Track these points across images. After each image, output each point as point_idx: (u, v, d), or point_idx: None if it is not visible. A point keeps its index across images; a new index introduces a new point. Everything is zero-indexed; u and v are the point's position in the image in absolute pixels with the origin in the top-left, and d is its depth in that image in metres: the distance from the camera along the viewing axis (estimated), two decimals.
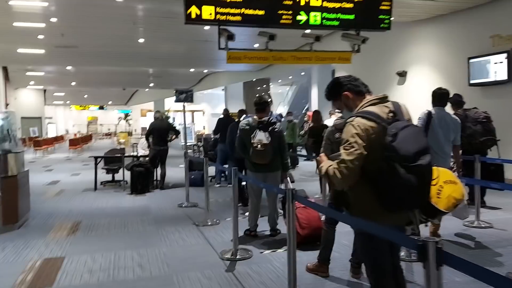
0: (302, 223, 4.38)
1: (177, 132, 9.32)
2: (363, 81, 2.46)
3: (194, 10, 6.18)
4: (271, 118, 5.03)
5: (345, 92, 2.42)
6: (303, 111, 25.78)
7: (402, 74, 10.74)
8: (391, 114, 2.22)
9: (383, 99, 2.31)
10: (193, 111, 40.42)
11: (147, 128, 9.25)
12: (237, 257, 4.30)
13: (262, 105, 5.00)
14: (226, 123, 9.14)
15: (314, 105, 17.26)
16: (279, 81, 28.76)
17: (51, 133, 34.02)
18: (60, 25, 11.63)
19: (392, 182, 2.05)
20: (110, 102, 45.41)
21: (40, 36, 12.73)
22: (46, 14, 10.61)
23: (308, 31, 7.04)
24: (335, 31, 9.42)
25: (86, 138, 27.38)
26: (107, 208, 7.21)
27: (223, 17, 6.27)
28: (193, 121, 36.40)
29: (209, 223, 5.82)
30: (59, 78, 23.95)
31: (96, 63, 17.86)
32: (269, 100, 5.00)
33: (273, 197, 5.10)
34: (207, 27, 12.05)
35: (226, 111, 10.11)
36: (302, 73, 23.86)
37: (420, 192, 2.10)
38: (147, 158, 9.26)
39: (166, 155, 9.13)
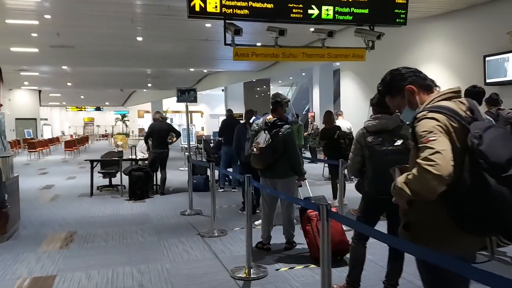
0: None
1: (178, 134, 8.83)
2: (371, 80, 2.00)
3: (198, 3, 5.74)
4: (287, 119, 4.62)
5: (409, 86, 1.96)
6: (304, 112, 25.43)
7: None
8: (468, 112, 1.77)
9: (458, 93, 1.86)
10: (191, 112, 40.00)
11: (146, 130, 8.74)
12: (251, 276, 3.83)
13: (274, 105, 4.55)
14: (230, 124, 8.69)
15: (316, 106, 16.81)
16: (279, 81, 28.35)
17: (46, 134, 33.43)
18: (54, 23, 11.12)
19: (478, 196, 1.59)
20: (107, 103, 44.85)
21: (34, 34, 12.21)
22: (40, 11, 10.10)
23: (319, 26, 6.57)
24: (347, 27, 8.98)
25: (83, 140, 26.85)
26: (104, 216, 6.73)
27: (229, 11, 5.84)
28: (191, 122, 35.96)
29: (216, 234, 5.34)
30: (55, 79, 23.41)
31: (92, 63, 17.34)
32: (284, 100, 4.51)
33: (287, 206, 4.61)
34: (208, 25, 11.63)
35: (229, 111, 9.64)
36: (303, 74, 23.43)
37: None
38: (146, 162, 8.78)
39: (167, 159, 8.65)
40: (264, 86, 25.72)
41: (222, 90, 25.79)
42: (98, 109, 47.93)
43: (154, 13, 10.23)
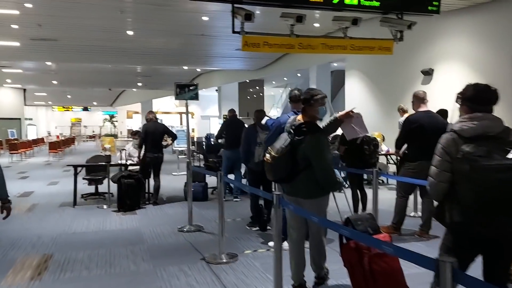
0: (376, 276, 2.94)
1: (174, 136, 7.86)
2: (380, 80, 1.10)
3: None
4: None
5: None
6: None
7: (428, 72, 9.48)
8: None
9: None
10: (181, 113, 38.94)
11: (140, 132, 7.72)
12: None
13: (303, 103, 3.44)
14: (233, 125, 7.81)
15: None
16: (273, 82, 27.55)
17: (31, 135, 32.07)
18: (37, 13, 10.09)
19: None
20: (95, 103, 43.52)
21: (14, 26, 11.15)
22: None
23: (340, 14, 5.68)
24: (369, 19, 8.08)
25: (68, 141, 25.64)
26: (88, 233, 5.74)
27: None
28: (181, 123, 34.87)
29: (224, 259, 4.39)
30: (39, 76, 22.19)
31: (78, 59, 16.22)
32: (316, 96, 3.34)
33: (316, 232, 3.49)
34: (205, 18, 10.71)
35: (232, 111, 8.68)
36: (298, 75, 22.64)
37: None
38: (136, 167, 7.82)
39: (161, 164, 7.67)
40: (257, 87, 24.91)
41: (216, 90, 24.89)
42: (85, 109, 46.54)
43: (147, 2, 9.26)
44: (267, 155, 3.27)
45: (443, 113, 7.08)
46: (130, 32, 12.06)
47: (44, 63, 17.56)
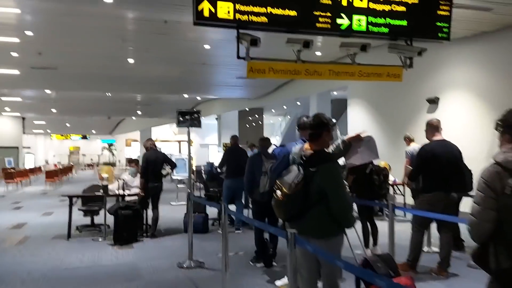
0: None
1: (173, 165, 7.60)
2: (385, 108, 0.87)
3: (207, 7, 4.67)
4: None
5: None
6: (296, 143, 24.49)
7: (434, 101, 9.33)
8: None
9: None
10: (180, 141, 38.80)
11: (141, 161, 7.41)
12: None
13: (315, 130, 3.01)
14: (235, 153, 7.58)
15: None
16: (273, 111, 27.55)
17: (28, 163, 31.75)
18: (37, 41, 10.02)
19: None
20: (93, 132, 43.42)
21: (14, 54, 11.06)
22: (20, 26, 9.02)
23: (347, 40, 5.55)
24: (377, 46, 7.96)
25: (66, 170, 25.32)
26: (81, 268, 5.40)
27: (244, 17, 4.80)
28: (180, 151, 34.61)
29: None
30: (38, 105, 22.10)
31: (78, 87, 16.13)
32: (330, 122, 3.07)
33: (330, 272, 3.04)
34: (207, 46, 10.66)
35: (234, 139, 8.40)
36: (298, 103, 22.61)
37: None
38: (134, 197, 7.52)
39: (160, 194, 7.38)
40: (257, 115, 24.90)
41: (216, 118, 24.84)
42: (84, 137, 46.37)
43: (149, 31, 9.19)
44: (278, 192, 2.90)
45: None
46: (131, 60, 12.00)
47: (44, 91, 17.47)
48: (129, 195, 7.48)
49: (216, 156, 23.39)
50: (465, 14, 7.22)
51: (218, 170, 8.48)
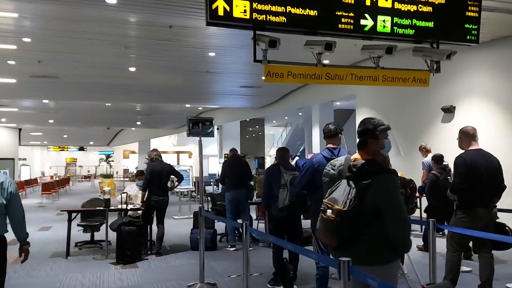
0: None
1: (180, 178, 7.15)
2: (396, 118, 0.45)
3: (221, 5, 4.28)
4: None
5: None
6: (298, 153, 24.20)
7: (450, 110, 8.95)
8: None
9: None
10: (178, 152, 38.36)
11: (145, 173, 6.98)
12: None
13: (362, 136, 2.59)
14: (235, 165, 7.25)
15: (316, 147, 15.39)
16: (274, 121, 27.27)
17: (24, 175, 31.21)
18: (35, 48, 9.63)
19: None
20: (91, 143, 42.92)
21: (11, 62, 10.66)
22: (18, 32, 8.63)
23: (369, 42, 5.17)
24: (400, 50, 7.63)
25: (63, 182, 24.78)
26: None
27: (262, 17, 4.42)
28: (178, 163, 34.11)
29: None
30: (35, 115, 21.64)
31: (77, 97, 15.68)
32: (380, 127, 2.58)
33: None
34: (212, 53, 10.30)
35: (234, 151, 8.05)
36: (300, 114, 22.31)
37: None
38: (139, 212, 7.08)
39: (166, 208, 6.92)
40: (257, 126, 24.62)
41: (217, 128, 24.47)
42: (81, 149, 45.83)
43: (152, 36, 8.83)
44: (328, 212, 2.41)
45: (440, 158, 6.50)
46: (132, 69, 11.63)
47: (41, 101, 17.06)
48: (131, 209, 7.04)
49: (216, 167, 22.98)
50: (485, 17, 6.89)
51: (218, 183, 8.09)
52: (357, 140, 2.68)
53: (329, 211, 2.41)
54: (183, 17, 7.37)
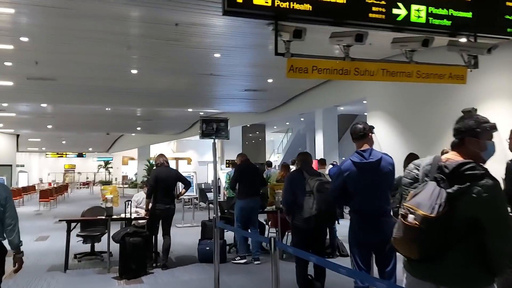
0: None
1: (188, 185, 6.63)
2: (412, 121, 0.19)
3: None
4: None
5: None
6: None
7: (471, 112, 8.46)
8: None
9: None
10: (177, 159, 37.82)
11: (150, 179, 6.48)
12: None
13: (460, 133, 2.16)
14: (248, 171, 6.72)
15: (319, 152, 14.91)
16: (275, 127, 26.80)
17: (22, 182, 30.65)
18: (33, 49, 9.15)
19: None
20: (90, 149, 42.38)
21: (7, 63, 10.17)
22: (15, 30, 8.15)
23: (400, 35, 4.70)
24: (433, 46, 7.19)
25: (61, 188, 24.23)
26: None
27: (285, 4, 3.95)
28: (178, 170, 33.58)
29: None
30: (34, 120, 21.10)
31: (77, 100, 15.17)
32: (485, 124, 2.19)
33: None
34: (217, 54, 9.83)
35: (244, 155, 7.45)
36: (301, 119, 21.82)
37: None
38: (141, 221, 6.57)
39: (172, 217, 6.40)
40: (258, 132, 24.18)
41: None
42: (80, 155, 45.26)
43: (157, 37, 8.36)
44: (410, 218, 1.93)
45: (415, 157, 6.00)
46: (134, 71, 11.16)
47: (39, 105, 16.54)
48: (135, 218, 6.53)
49: (219, 175, 22.45)
50: None
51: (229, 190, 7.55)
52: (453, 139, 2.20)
53: (411, 216, 1.94)
54: (190, 12, 6.91)
